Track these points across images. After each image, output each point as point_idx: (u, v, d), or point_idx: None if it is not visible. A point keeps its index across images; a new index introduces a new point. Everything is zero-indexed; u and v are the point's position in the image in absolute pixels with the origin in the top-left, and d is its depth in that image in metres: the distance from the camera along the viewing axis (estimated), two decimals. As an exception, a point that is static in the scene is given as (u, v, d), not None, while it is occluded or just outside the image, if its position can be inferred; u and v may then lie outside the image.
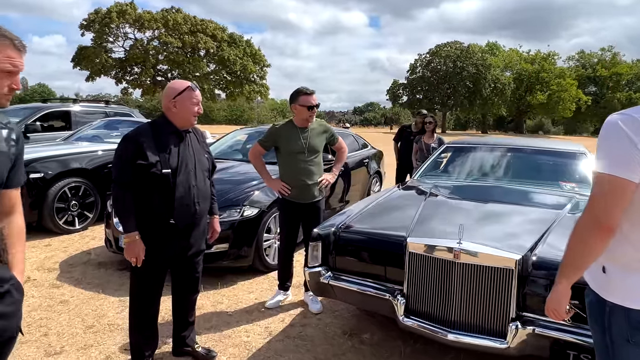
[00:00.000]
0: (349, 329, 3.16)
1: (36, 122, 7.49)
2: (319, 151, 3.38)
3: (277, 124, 3.43)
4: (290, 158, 3.31)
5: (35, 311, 3.32)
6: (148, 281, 2.49)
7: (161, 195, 2.34)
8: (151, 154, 2.30)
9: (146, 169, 2.28)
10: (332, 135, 3.51)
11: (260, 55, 39.72)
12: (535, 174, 3.99)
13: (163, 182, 2.32)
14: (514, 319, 2.20)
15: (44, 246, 4.89)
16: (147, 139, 2.33)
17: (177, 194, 2.35)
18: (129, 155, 2.29)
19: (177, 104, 2.38)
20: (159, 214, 2.36)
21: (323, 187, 3.42)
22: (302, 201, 3.36)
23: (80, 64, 34.98)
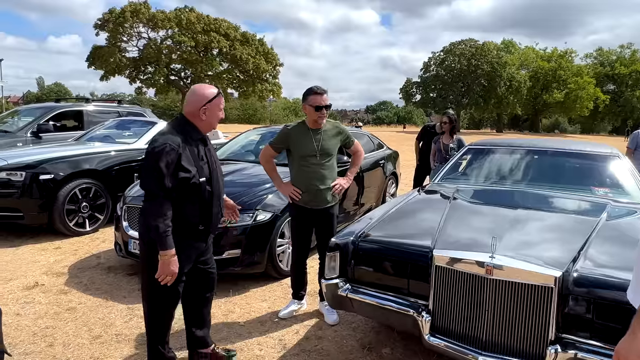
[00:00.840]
0: (367, 342, 2.98)
1: (49, 122, 7.44)
2: (332, 154, 3.18)
3: (289, 125, 3.27)
4: (301, 161, 3.12)
5: (42, 319, 3.21)
6: (174, 291, 2.35)
7: (195, 203, 2.29)
8: (189, 163, 2.23)
9: (186, 179, 2.21)
10: (347, 138, 3.29)
11: (273, 54, 39.62)
12: (564, 178, 3.76)
13: (199, 191, 2.29)
14: (553, 341, 2.00)
15: (53, 249, 4.81)
16: (183, 148, 2.22)
17: (212, 201, 2.35)
18: (171, 167, 2.16)
19: (207, 112, 2.32)
20: (192, 222, 2.31)
21: (336, 193, 3.22)
22: (314, 207, 3.16)
23: (95, 63, 35.27)
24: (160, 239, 2.15)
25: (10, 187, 4.92)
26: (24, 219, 4.97)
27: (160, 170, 2.13)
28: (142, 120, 7.38)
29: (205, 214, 2.34)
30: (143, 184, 2.21)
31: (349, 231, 2.78)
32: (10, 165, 4.98)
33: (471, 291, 2.16)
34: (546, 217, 2.89)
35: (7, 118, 8.18)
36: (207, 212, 2.34)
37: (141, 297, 2.47)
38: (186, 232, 2.31)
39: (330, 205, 3.21)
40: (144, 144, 6.29)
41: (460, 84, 50.37)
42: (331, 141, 3.17)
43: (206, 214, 2.34)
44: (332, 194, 3.19)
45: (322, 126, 3.14)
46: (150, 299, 2.39)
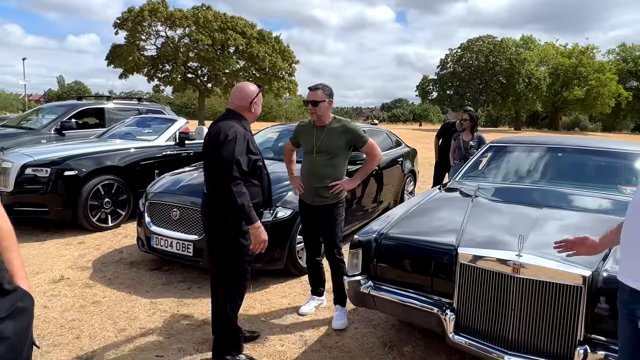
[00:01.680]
0: (388, 340, 2.97)
1: (71, 120, 7.59)
2: (332, 153, 3.04)
3: (303, 121, 3.30)
4: (305, 156, 3.18)
5: (68, 312, 3.29)
6: (247, 271, 2.65)
7: (257, 185, 2.59)
8: (254, 148, 2.55)
9: (255, 161, 2.53)
10: (356, 138, 3.06)
11: (289, 52, 39.65)
12: (589, 176, 3.69)
13: (261, 173, 2.61)
14: (582, 342, 1.96)
15: (77, 243, 4.91)
16: (247, 136, 2.52)
17: (270, 183, 2.70)
18: (245, 150, 2.47)
19: (255, 105, 2.63)
20: (256, 204, 2.55)
21: (335, 193, 3.07)
22: (311, 203, 3.15)
23: (114, 61, 35.77)
24: (247, 216, 2.41)
25: (36, 183, 5.03)
26: (49, 214, 5.09)
27: (238, 156, 2.41)
28: (162, 118, 7.47)
29: (265, 195, 2.66)
30: (221, 170, 2.39)
31: (371, 228, 2.77)
32: (36, 162, 5.09)
33: (497, 290, 2.14)
34: (572, 216, 2.84)
35: (32, 116, 8.37)
36: (267, 193, 2.67)
37: (163, 292, 2.51)
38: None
39: (327, 204, 3.09)
40: (164, 141, 6.37)
41: (478, 81, 49.70)
42: (334, 140, 3.04)
43: (266, 194, 2.67)
44: (331, 193, 3.06)
45: (326, 123, 3.08)
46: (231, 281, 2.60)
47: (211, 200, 2.54)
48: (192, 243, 3.72)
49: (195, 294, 3.63)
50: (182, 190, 4.06)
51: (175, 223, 3.88)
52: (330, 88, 3.09)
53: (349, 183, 3.14)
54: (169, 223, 3.93)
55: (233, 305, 2.62)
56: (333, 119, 3.12)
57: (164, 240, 3.88)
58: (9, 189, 4.97)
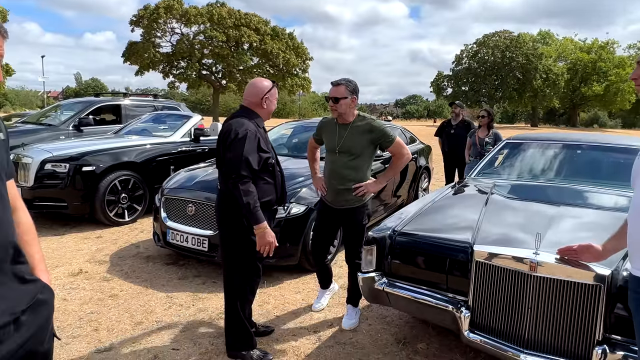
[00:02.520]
0: (402, 337, 2.97)
1: (89, 116, 7.71)
2: (355, 153, 2.87)
3: (326, 117, 3.14)
4: (327, 156, 3.01)
5: (87, 304, 3.35)
6: (259, 269, 2.67)
7: (270, 183, 2.58)
8: (266, 146, 2.53)
9: (266, 159, 2.51)
10: (382, 138, 2.88)
11: (303, 48, 39.62)
12: (608, 174, 3.61)
13: (273, 170, 2.59)
14: (600, 341, 1.93)
15: (95, 238, 5.00)
16: (259, 133, 2.51)
17: (283, 180, 2.68)
18: (256, 149, 2.46)
19: (267, 101, 2.60)
20: (269, 201, 2.58)
21: (359, 195, 2.92)
22: (334, 206, 3.00)
23: (130, 58, 36.19)
24: (253, 215, 2.40)
25: (55, 178, 5.13)
26: (68, 209, 5.19)
27: (248, 155, 2.40)
28: (177, 114, 7.55)
29: (279, 193, 2.64)
30: (230, 169, 2.41)
31: (386, 225, 2.76)
32: (55, 157, 5.19)
33: (513, 288, 2.12)
34: (590, 214, 2.79)
35: (51, 112, 8.52)
36: (281, 191, 2.65)
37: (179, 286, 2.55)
38: (265, 212, 2.51)
39: (350, 207, 2.96)
40: (179, 138, 6.44)
41: (494, 77, 49.05)
42: (357, 138, 2.87)
43: (280, 192, 2.65)
44: (354, 195, 2.92)
45: (350, 121, 2.91)
46: (242, 278, 2.61)
47: (224, 196, 2.55)
48: (207, 238, 3.76)
49: (210, 288, 3.67)
50: (197, 186, 4.10)
51: (191, 218, 3.93)
52: (354, 84, 2.91)
53: (374, 185, 2.96)
54: (185, 218, 3.97)
55: (244, 302, 2.64)
56: (357, 117, 2.92)
57: (180, 235, 3.92)
58: (29, 184, 5.07)
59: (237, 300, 2.60)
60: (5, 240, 1.22)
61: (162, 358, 2.66)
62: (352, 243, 3.05)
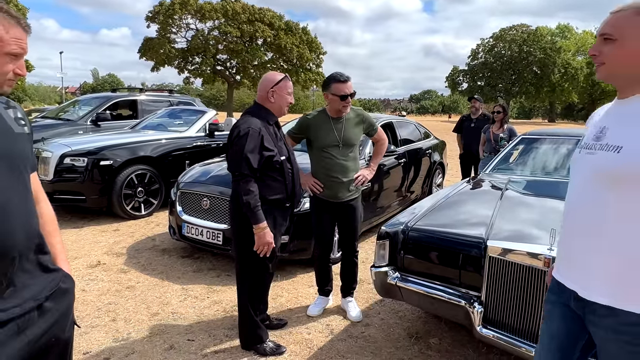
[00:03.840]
0: (414, 331, 2.98)
1: (106, 111, 7.84)
2: (354, 144, 2.99)
3: (309, 114, 3.07)
4: (322, 152, 2.94)
5: (105, 295, 3.43)
6: (268, 266, 2.65)
7: (279, 181, 2.53)
8: (270, 144, 2.47)
9: (270, 157, 2.46)
10: (371, 125, 3.09)
11: (317, 43, 39.54)
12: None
13: (282, 169, 2.52)
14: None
15: (112, 231, 5.10)
16: (263, 130, 2.46)
17: (293, 179, 2.59)
18: (257, 147, 2.42)
19: (275, 95, 2.54)
20: (279, 199, 2.55)
21: (360, 185, 3.04)
22: (335, 200, 3.00)
23: (146, 54, 36.57)
24: (252, 214, 2.41)
25: (73, 172, 5.24)
26: (86, 202, 5.30)
27: (248, 153, 2.38)
28: (192, 109, 7.63)
29: (289, 191, 2.58)
30: (231, 166, 2.46)
31: (399, 220, 2.77)
32: (73, 152, 5.30)
33: (527, 284, 2.11)
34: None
35: (69, 107, 8.69)
36: (291, 189, 2.59)
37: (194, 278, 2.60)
38: (276, 209, 2.56)
39: (352, 198, 3.04)
40: (195, 132, 6.51)
41: (511, 71, 48.34)
42: (354, 130, 2.99)
43: (290, 190, 2.59)
44: (354, 185, 3.02)
45: (344, 115, 2.98)
46: (251, 273, 2.63)
47: (235, 192, 2.56)
48: (222, 232, 3.81)
49: (224, 281, 3.72)
50: (212, 180, 4.15)
51: (206, 212, 3.98)
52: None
53: (370, 172, 3.11)
54: (200, 212, 4.03)
55: (253, 298, 2.66)
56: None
57: (195, 229, 3.98)
58: (49, 178, 5.19)
59: (246, 296, 2.63)
60: (31, 230, 1.26)
61: (177, 348, 2.72)
62: (352, 231, 3.11)
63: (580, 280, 1.28)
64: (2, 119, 1.24)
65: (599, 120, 1.33)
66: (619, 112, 1.27)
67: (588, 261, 1.24)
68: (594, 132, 1.31)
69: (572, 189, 1.33)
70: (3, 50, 1.17)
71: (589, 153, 1.27)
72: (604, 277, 1.21)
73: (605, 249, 1.20)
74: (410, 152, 5.82)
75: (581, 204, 1.27)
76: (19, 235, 1.20)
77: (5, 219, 1.17)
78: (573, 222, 1.29)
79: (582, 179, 1.28)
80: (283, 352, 2.68)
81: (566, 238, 1.33)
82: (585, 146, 1.31)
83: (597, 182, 1.22)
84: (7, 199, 1.18)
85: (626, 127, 1.21)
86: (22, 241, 1.22)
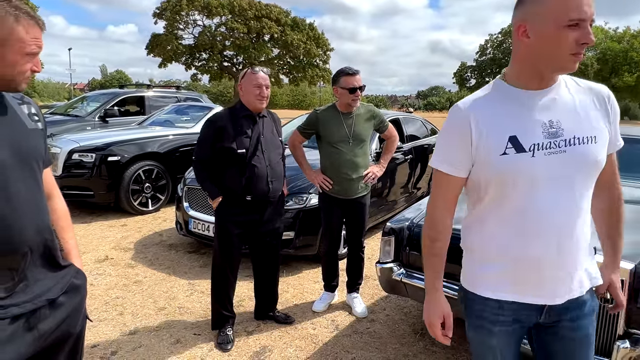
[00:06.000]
0: (419, 328, 2.98)
1: (114, 107, 7.89)
2: (365, 140, 2.98)
3: (319, 109, 3.07)
4: (332, 148, 2.94)
5: (113, 290, 3.47)
6: (226, 252, 2.73)
7: (238, 173, 2.59)
8: (228, 135, 2.56)
9: (224, 149, 2.56)
10: (382, 122, 3.08)
11: (324, 39, 39.46)
12: (631, 166, 3.51)
13: (239, 161, 2.57)
14: (622, 336, 1.91)
15: (120, 226, 5.14)
16: (225, 122, 2.58)
17: (251, 172, 2.59)
18: (209, 137, 2.58)
19: (243, 88, 2.63)
20: (235, 189, 2.62)
21: (369, 182, 3.04)
22: (345, 197, 3.00)
23: (154, 51, 36.75)
24: (206, 191, 2.71)
25: (82, 168, 5.29)
26: (94, 198, 5.35)
27: (200, 140, 2.63)
28: (199, 106, 7.65)
29: (248, 185, 2.60)
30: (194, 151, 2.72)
31: (405, 216, 2.77)
32: (82, 148, 5.35)
33: (532, 280, 2.09)
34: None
35: (77, 104, 8.75)
36: (249, 183, 2.60)
37: (200, 273, 2.66)
38: (233, 201, 2.65)
39: (361, 195, 3.05)
40: (201, 128, 6.53)
41: (519, 67, 47.86)
42: (364, 126, 2.99)
43: (248, 184, 2.60)
44: (364, 182, 3.02)
45: (354, 110, 2.97)
46: (213, 263, 2.79)
47: None
48: (228, 227, 3.82)
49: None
50: (219, 176, 4.16)
51: (212, 208, 3.99)
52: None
53: (380, 169, 3.09)
54: (206, 208, 4.05)
55: (214, 285, 2.79)
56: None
57: (201, 224, 4.00)
58: (58, 173, 5.24)
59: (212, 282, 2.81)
60: (42, 226, 1.28)
61: (184, 343, 2.74)
62: (360, 227, 3.12)
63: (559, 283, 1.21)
64: (16, 115, 1.26)
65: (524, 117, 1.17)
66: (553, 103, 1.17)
67: (566, 262, 1.20)
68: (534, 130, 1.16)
69: (537, 193, 1.16)
70: (24, 51, 1.19)
71: (553, 152, 1.14)
72: (581, 268, 1.23)
73: (576, 241, 1.19)
74: (417, 148, 5.79)
75: (556, 205, 1.16)
76: (29, 231, 1.22)
77: (16, 215, 1.19)
78: (556, 229, 1.17)
79: (551, 181, 1.15)
80: (226, 351, 2.66)
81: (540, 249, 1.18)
82: (539, 147, 1.14)
83: (572, 180, 1.16)
84: (17, 194, 1.19)
85: (576, 115, 1.17)
86: (33, 237, 1.23)
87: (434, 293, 1.33)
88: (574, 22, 1.06)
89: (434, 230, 1.32)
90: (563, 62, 1.11)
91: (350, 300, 3.26)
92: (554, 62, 1.12)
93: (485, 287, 1.29)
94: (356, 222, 3.11)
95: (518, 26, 1.14)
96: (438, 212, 1.31)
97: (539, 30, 1.10)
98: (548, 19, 1.07)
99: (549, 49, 1.10)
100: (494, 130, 1.17)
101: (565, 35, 1.07)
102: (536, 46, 1.11)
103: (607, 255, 1.43)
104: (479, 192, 1.25)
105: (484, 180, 1.21)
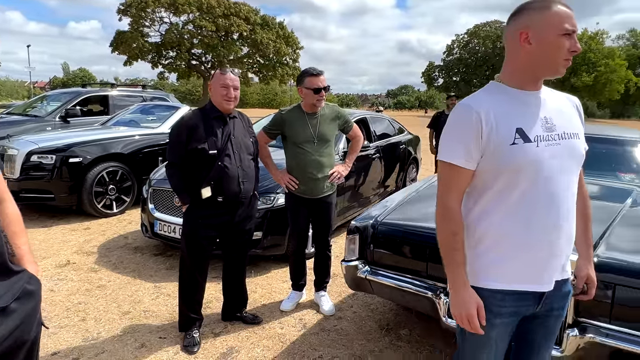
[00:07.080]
0: (385, 323, 3.04)
1: (76, 107, 7.64)
2: (329, 140, 3.01)
3: (284, 110, 3.08)
4: (297, 148, 2.95)
5: (74, 295, 3.38)
6: (195, 254, 2.70)
7: (208, 175, 2.57)
8: (199, 136, 2.55)
9: (195, 150, 2.54)
10: (346, 122, 3.12)
11: (293, 38, 39.38)
12: (588, 163, 3.68)
13: (210, 162, 2.56)
14: (571, 325, 2.01)
15: (83, 229, 5.00)
16: (196, 123, 2.57)
17: (222, 173, 2.57)
18: (180, 139, 2.57)
19: (212, 88, 2.64)
20: (198, 190, 2.59)
21: (335, 181, 3.07)
22: (311, 196, 3.02)
23: (119, 48, 35.72)
24: (177, 195, 2.70)
25: (41, 170, 5.11)
26: (55, 200, 5.17)
27: (171, 142, 2.62)
28: (165, 105, 7.51)
29: (218, 186, 2.59)
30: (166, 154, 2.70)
31: (369, 214, 2.81)
32: (41, 149, 5.16)
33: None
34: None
35: (37, 103, 8.43)
36: (219, 184, 2.58)
37: (167, 276, 2.63)
38: (204, 202, 2.60)
39: (327, 194, 3.08)
40: (168, 129, 6.41)
41: (485, 67, 49.23)
42: (329, 126, 3.01)
43: (219, 185, 2.59)
44: (329, 182, 3.05)
45: (319, 110, 2.98)
46: (181, 266, 2.78)
47: None
48: (195, 229, 3.78)
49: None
50: (185, 177, 4.10)
51: (178, 209, 3.94)
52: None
53: (345, 169, 3.13)
54: (172, 209, 3.99)
55: (181, 289, 2.77)
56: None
57: (167, 226, 3.95)
58: (15, 176, 5.05)
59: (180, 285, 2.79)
60: None
61: (149, 347, 2.70)
62: (327, 226, 3.15)
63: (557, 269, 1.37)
64: None
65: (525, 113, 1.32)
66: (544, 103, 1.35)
67: (562, 245, 1.35)
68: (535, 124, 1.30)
69: (542, 181, 1.28)
70: None
71: (551, 144, 1.30)
72: (569, 252, 1.38)
73: (570, 227, 1.36)
74: (384, 147, 5.89)
75: (558, 192, 1.31)
76: None
77: None
78: (557, 213, 1.31)
79: (552, 170, 1.29)
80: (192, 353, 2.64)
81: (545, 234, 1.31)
82: (541, 139, 1.29)
83: (568, 170, 1.32)
84: None
85: (563, 114, 1.37)
86: None
87: (465, 288, 1.32)
88: (568, 32, 1.24)
89: (453, 223, 1.34)
90: (558, 66, 1.28)
91: (318, 298, 3.29)
92: (551, 66, 1.29)
93: (493, 279, 1.35)
94: (323, 221, 3.14)
95: (520, 33, 1.29)
96: (455, 205, 1.35)
97: (541, 37, 1.26)
98: (549, 27, 1.25)
99: (548, 54, 1.27)
100: (502, 123, 1.29)
101: (562, 42, 1.25)
102: (537, 52, 1.27)
103: (582, 250, 1.57)
104: (486, 184, 1.34)
105: (493, 171, 1.31)
